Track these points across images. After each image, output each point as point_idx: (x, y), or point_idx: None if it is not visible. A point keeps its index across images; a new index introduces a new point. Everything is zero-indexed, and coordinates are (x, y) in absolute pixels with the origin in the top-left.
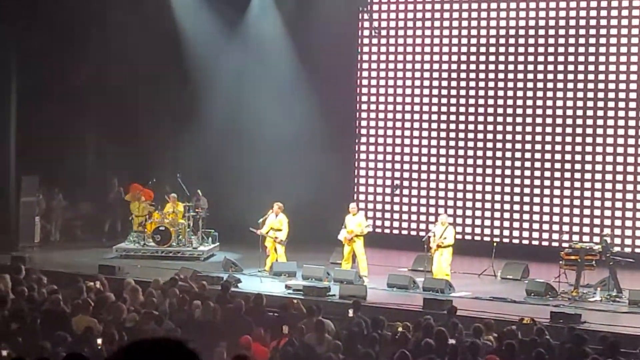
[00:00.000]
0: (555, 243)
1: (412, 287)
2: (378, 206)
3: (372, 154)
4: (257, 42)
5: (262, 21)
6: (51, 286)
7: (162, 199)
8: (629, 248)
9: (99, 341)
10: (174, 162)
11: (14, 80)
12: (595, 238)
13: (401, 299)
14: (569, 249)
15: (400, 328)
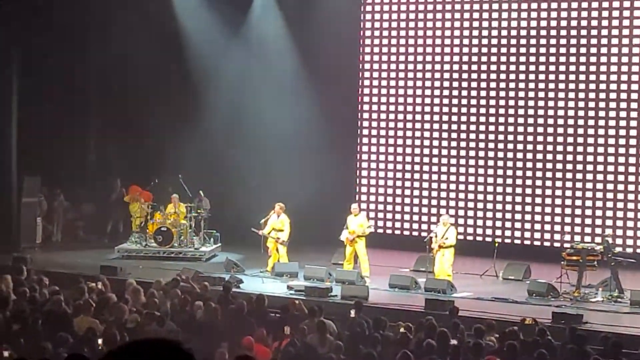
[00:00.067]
0: (556, 243)
1: (414, 288)
2: (380, 207)
3: (374, 155)
4: (259, 43)
5: (264, 22)
6: (53, 287)
7: (164, 200)
8: (631, 248)
9: (100, 342)
10: (176, 163)
11: (16, 80)
12: (596, 238)
13: (403, 300)
14: (571, 250)
15: (402, 329)
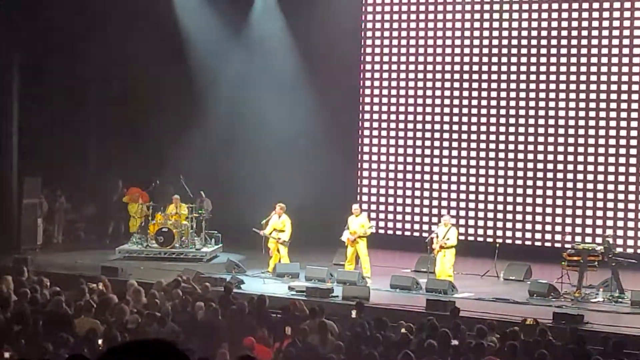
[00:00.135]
0: (557, 244)
1: (415, 288)
2: (381, 207)
3: (375, 155)
4: (260, 43)
5: (265, 22)
6: (54, 288)
7: (165, 201)
8: (631, 249)
9: (100, 342)
10: (177, 164)
11: (17, 81)
12: (597, 239)
13: (404, 300)
14: (572, 250)
15: (403, 329)
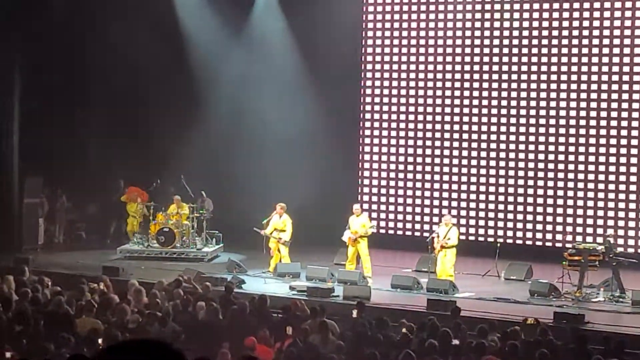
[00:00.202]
0: (558, 244)
1: (416, 288)
2: (382, 207)
3: (376, 155)
4: (261, 43)
5: (266, 21)
6: (55, 288)
7: (166, 201)
8: (632, 249)
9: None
10: (178, 163)
11: (18, 81)
12: (598, 239)
13: (405, 300)
14: (573, 250)
15: (404, 329)
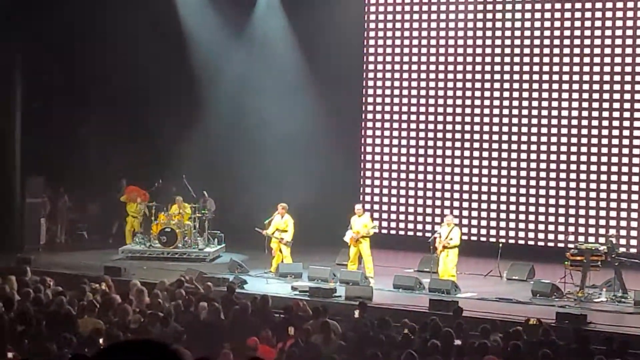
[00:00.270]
0: (560, 244)
1: (418, 288)
2: (384, 207)
3: (378, 155)
4: (263, 43)
5: (268, 21)
6: (57, 288)
7: (168, 201)
8: (635, 249)
9: (102, 341)
10: (180, 163)
11: (20, 81)
12: (600, 239)
13: (407, 300)
14: (575, 250)
15: (406, 330)
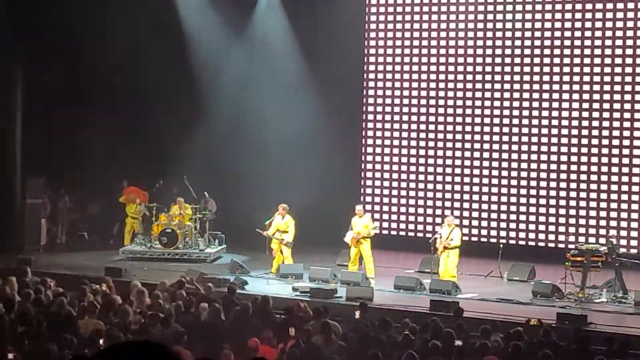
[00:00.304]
0: (561, 244)
1: (419, 289)
2: (385, 208)
3: (379, 156)
4: (263, 43)
5: (268, 21)
6: (57, 289)
7: (169, 201)
8: (635, 249)
9: (102, 342)
10: (180, 164)
11: (20, 82)
12: (601, 239)
13: (408, 301)
14: (575, 250)
15: (406, 330)
